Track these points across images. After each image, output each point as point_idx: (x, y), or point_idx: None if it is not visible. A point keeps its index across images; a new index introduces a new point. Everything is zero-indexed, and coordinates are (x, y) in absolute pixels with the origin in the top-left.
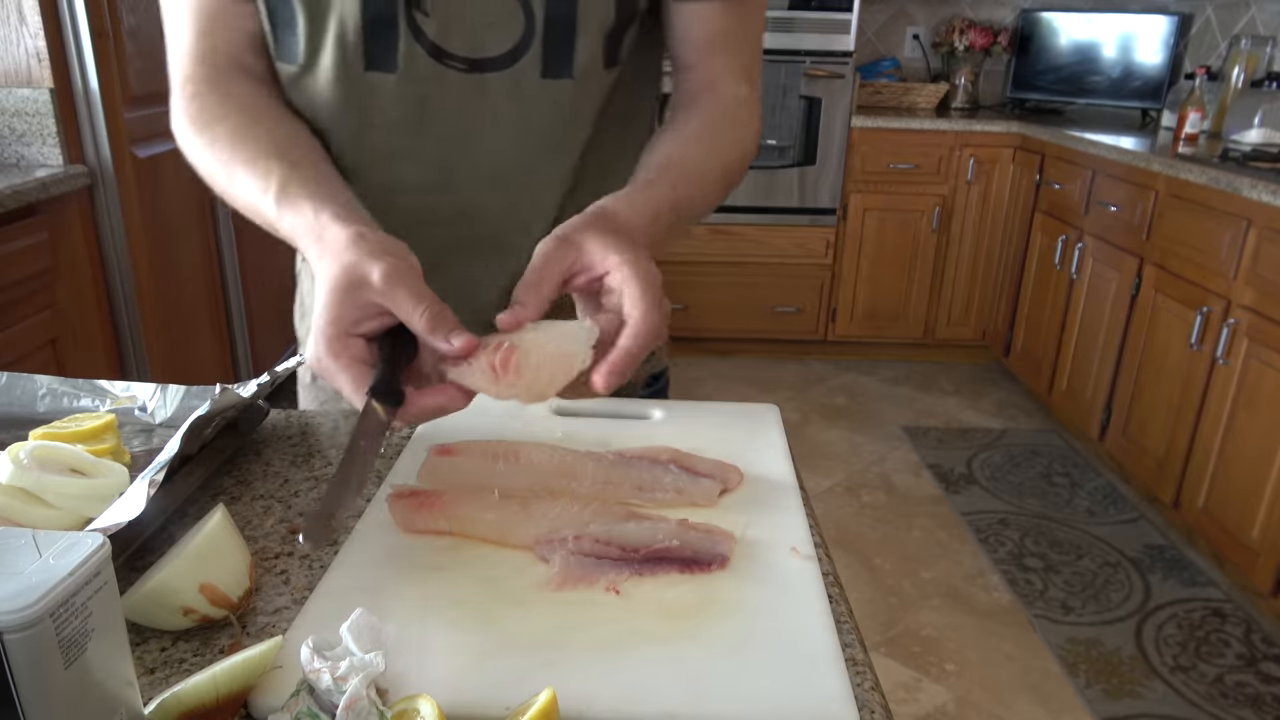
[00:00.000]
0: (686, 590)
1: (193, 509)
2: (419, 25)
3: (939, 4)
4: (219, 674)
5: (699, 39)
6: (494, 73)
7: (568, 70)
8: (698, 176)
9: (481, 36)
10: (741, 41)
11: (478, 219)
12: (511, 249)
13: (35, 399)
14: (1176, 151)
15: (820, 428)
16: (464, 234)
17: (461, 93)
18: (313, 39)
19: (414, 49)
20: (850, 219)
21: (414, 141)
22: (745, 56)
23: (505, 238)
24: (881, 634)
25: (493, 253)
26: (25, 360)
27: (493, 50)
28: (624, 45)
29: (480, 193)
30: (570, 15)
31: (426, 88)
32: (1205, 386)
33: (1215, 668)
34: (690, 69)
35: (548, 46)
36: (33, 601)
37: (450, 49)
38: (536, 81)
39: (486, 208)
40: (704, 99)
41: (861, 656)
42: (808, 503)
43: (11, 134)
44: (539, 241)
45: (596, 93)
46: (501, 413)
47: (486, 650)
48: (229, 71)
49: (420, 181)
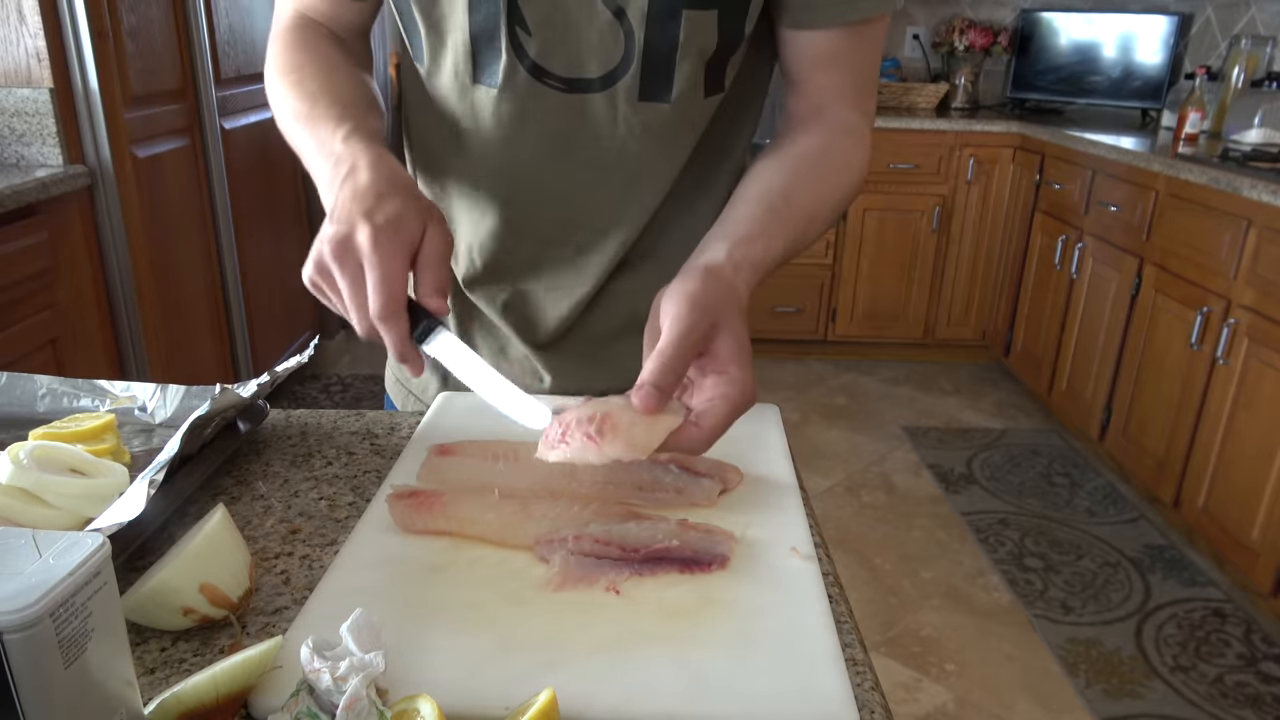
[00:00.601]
0: (686, 590)
1: (193, 509)
2: (520, 43)
3: (939, 4)
4: (219, 674)
5: (811, 59)
6: (591, 94)
7: (666, 95)
8: (803, 217)
9: (581, 58)
10: (855, 67)
11: (560, 240)
12: (585, 275)
13: (35, 399)
14: (1176, 151)
15: (820, 428)
16: (546, 244)
17: (557, 111)
18: (434, 48)
19: (515, 66)
20: (850, 219)
21: (508, 156)
22: (858, 83)
23: (583, 261)
24: (881, 634)
25: (566, 275)
26: (25, 360)
27: (592, 72)
28: (727, 73)
29: (566, 214)
30: (672, 40)
31: (525, 104)
32: (1205, 386)
33: (1215, 668)
34: (800, 90)
35: (646, 70)
36: (33, 601)
37: (549, 68)
38: (633, 104)
39: (571, 229)
40: (813, 124)
41: (861, 656)
42: (808, 503)
43: (11, 134)
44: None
45: (695, 118)
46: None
47: (487, 650)
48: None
49: (509, 198)
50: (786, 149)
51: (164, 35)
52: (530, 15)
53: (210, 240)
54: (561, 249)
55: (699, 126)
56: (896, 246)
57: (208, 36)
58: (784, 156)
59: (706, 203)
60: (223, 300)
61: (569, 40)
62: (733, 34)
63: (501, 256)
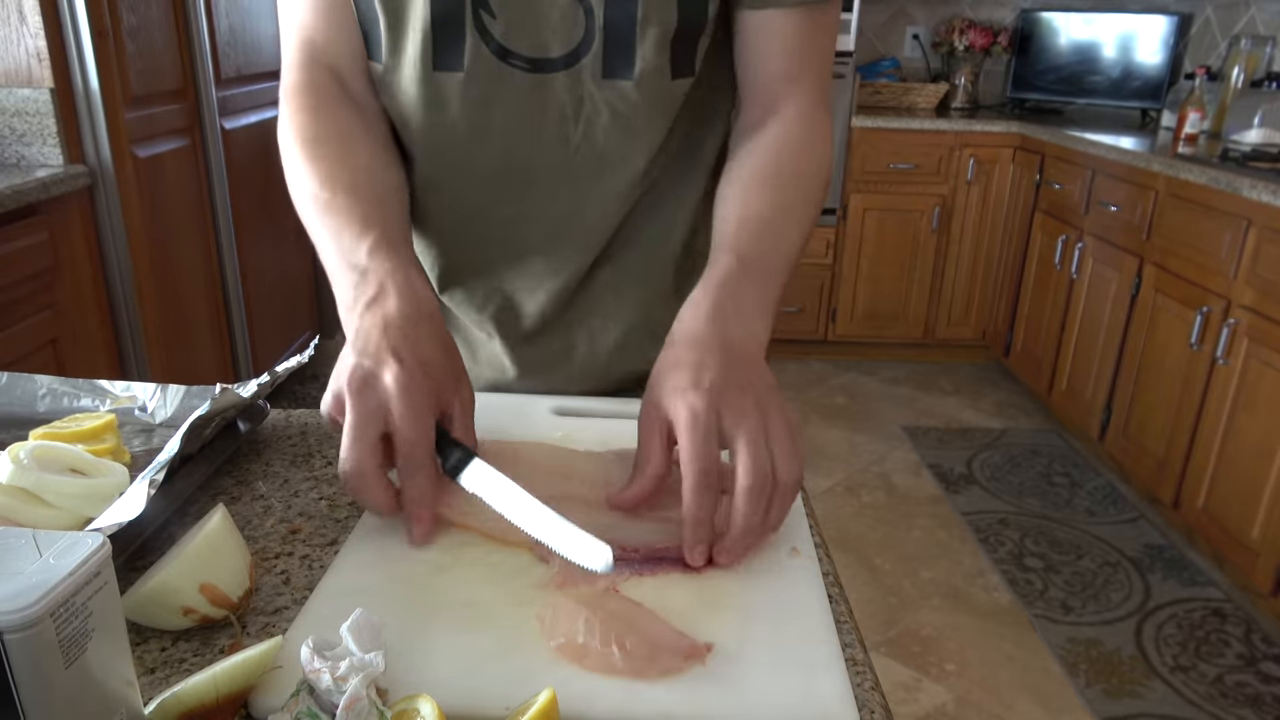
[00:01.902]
0: (686, 590)
1: (193, 509)
2: (485, 25)
3: (939, 4)
4: (219, 674)
5: (769, 51)
6: (555, 73)
7: (628, 72)
8: (778, 232)
9: (544, 37)
10: (812, 56)
11: (536, 221)
12: (565, 257)
13: (35, 399)
14: (1176, 151)
15: (820, 428)
16: (520, 236)
17: (523, 93)
18: (393, 39)
19: (480, 49)
20: (850, 219)
21: (478, 140)
22: (816, 69)
23: (560, 244)
24: (881, 634)
25: (547, 258)
26: (25, 360)
27: (555, 51)
28: (696, 56)
29: (539, 196)
30: (631, 17)
31: (490, 87)
32: (1205, 386)
33: (1215, 668)
34: (756, 87)
35: (608, 48)
36: (33, 601)
37: (515, 49)
38: (596, 81)
39: (545, 212)
40: (772, 127)
41: (861, 656)
42: (808, 503)
43: (11, 134)
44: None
45: (663, 101)
46: (501, 413)
47: (487, 650)
48: (332, 89)
49: (482, 181)
50: (751, 170)
51: (164, 35)
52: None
53: (210, 240)
54: (536, 238)
55: (669, 110)
56: (896, 246)
57: (208, 36)
58: (748, 177)
59: (687, 191)
60: (223, 300)
61: (531, 19)
62: (695, 13)
63: (475, 249)
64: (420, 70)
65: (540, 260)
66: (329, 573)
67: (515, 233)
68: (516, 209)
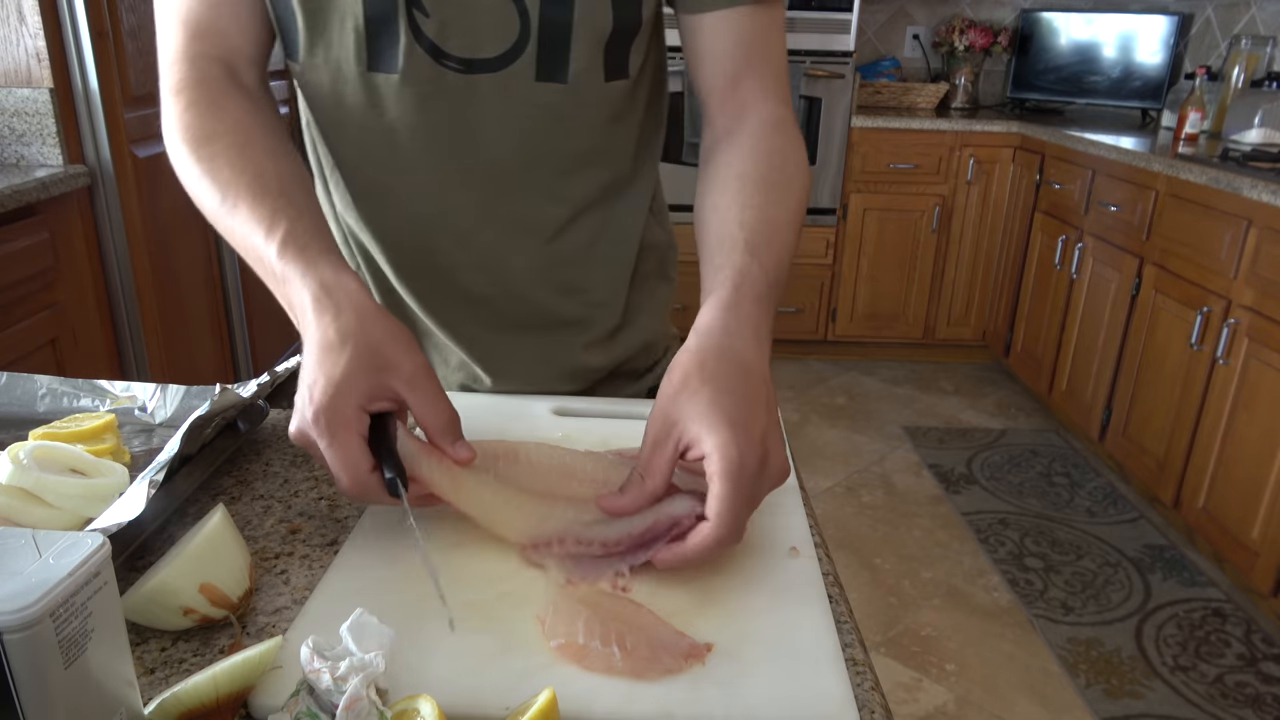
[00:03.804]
0: (686, 590)
1: (193, 509)
2: (419, 25)
3: (939, 4)
4: (219, 674)
5: (724, 55)
6: (488, 74)
7: (562, 75)
8: (782, 241)
9: (478, 37)
10: (768, 54)
11: (472, 226)
12: (504, 260)
13: (35, 399)
14: (1176, 151)
15: (820, 428)
16: (458, 239)
17: (457, 94)
18: (311, 36)
19: (414, 49)
20: (850, 219)
21: (412, 142)
22: (774, 70)
23: (500, 247)
24: (881, 634)
25: (487, 260)
26: (25, 360)
27: (488, 51)
28: (630, 58)
29: (474, 200)
30: (566, 19)
31: (426, 88)
32: (1205, 386)
33: (1215, 668)
34: (718, 96)
35: (543, 50)
36: (33, 601)
37: (448, 49)
38: (529, 84)
39: (481, 215)
40: (743, 135)
41: (861, 656)
42: (807, 503)
43: (11, 134)
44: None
45: (597, 103)
46: (501, 413)
47: (486, 650)
48: (222, 82)
49: (417, 184)
50: (733, 182)
51: None
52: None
53: (210, 240)
54: (480, 239)
55: (601, 111)
56: (896, 246)
57: None
58: (732, 187)
59: (630, 195)
60: (223, 300)
61: (465, 20)
62: (629, 16)
63: (424, 254)
64: (355, 71)
65: (480, 265)
66: (329, 573)
67: (450, 237)
68: (450, 213)
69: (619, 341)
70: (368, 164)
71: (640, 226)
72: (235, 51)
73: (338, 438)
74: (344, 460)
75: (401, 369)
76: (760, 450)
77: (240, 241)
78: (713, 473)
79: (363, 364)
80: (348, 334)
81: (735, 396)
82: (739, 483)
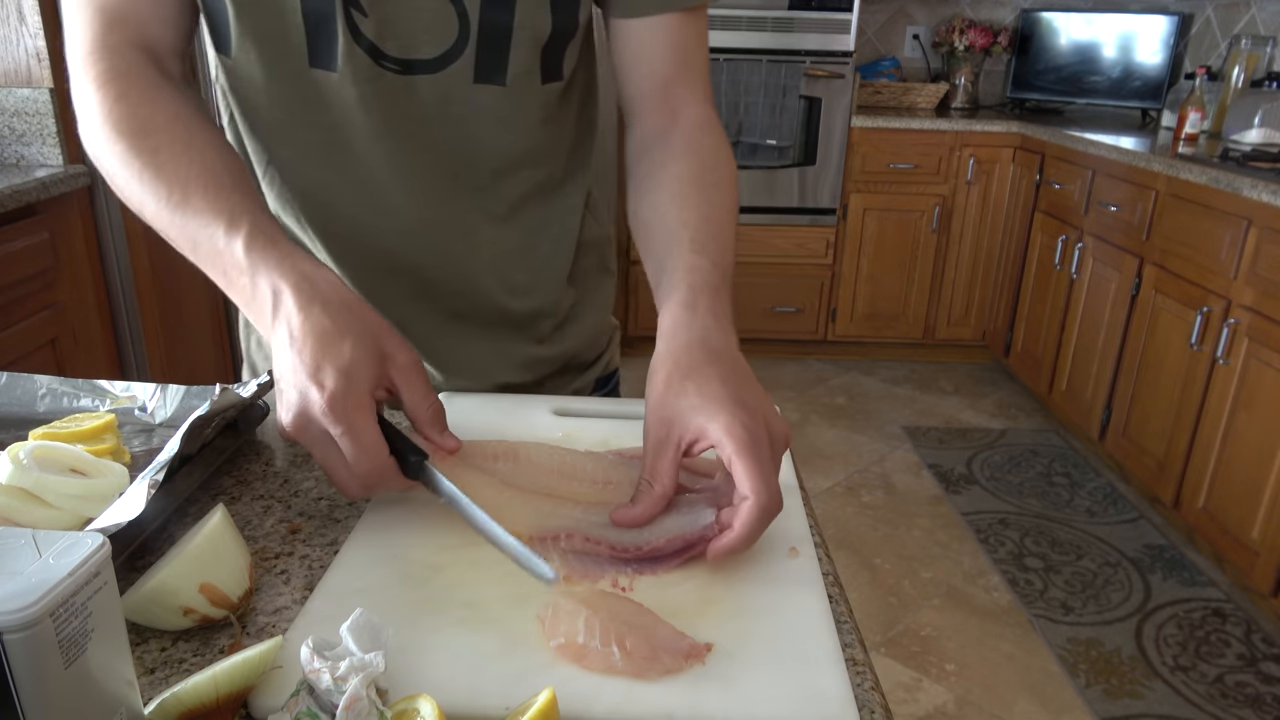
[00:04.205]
0: (687, 590)
1: (193, 509)
2: (357, 25)
3: (939, 4)
4: (219, 674)
5: (657, 58)
6: (426, 75)
7: (500, 78)
8: (725, 236)
9: (416, 39)
10: (697, 58)
11: (415, 225)
12: (448, 257)
13: (35, 399)
14: (1176, 151)
15: (820, 428)
16: (401, 237)
17: (396, 94)
18: (242, 31)
19: (353, 49)
20: (850, 219)
21: (353, 141)
22: (701, 73)
23: (443, 245)
24: (881, 634)
25: (430, 259)
26: (25, 360)
27: (426, 53)
28: (565, 61)
29: (416, 199)
30: (506, 22)
31: (365, 88)
32: (1205, 386)
33: (1215, 668)
34: (649, 98)
35: (481, 52)
36: (33, 601)
37: (386, 50)
38: (468, 86)
39: (423, 214)
40: (676, 136)
41: (861, 656)
42: (807, 503)
43: (11, 134)
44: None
45: (531, 104)
46: (501, 413)
47: (487, 650)
48: (150, 72)
49: (357, 181)
50: (671, 184)
51: None
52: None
53: None
54: (423, 238)
55: (537, 113)
56: (896, 246)
57: None
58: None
59: (566, 190)
60: (223, 300)
61: (403, 20)
62: (567, 20)
63: (363, 250)
64: (295, 68)
65: (415, 268)
66: (329, 573)
67: (385, 240)
68: (386, 214)
69: (567, 334)
70: (307, 162)
71: (577, 224)
72: (157, 40)
73: (356, 423)
74: (364, 445)
75: (398, 359)
76: (761, 418)
77: (190, 235)
78: (729, 455)
79: (366, 352)
80: (344, 323)
81: (719, 381)
82: (758, 454)
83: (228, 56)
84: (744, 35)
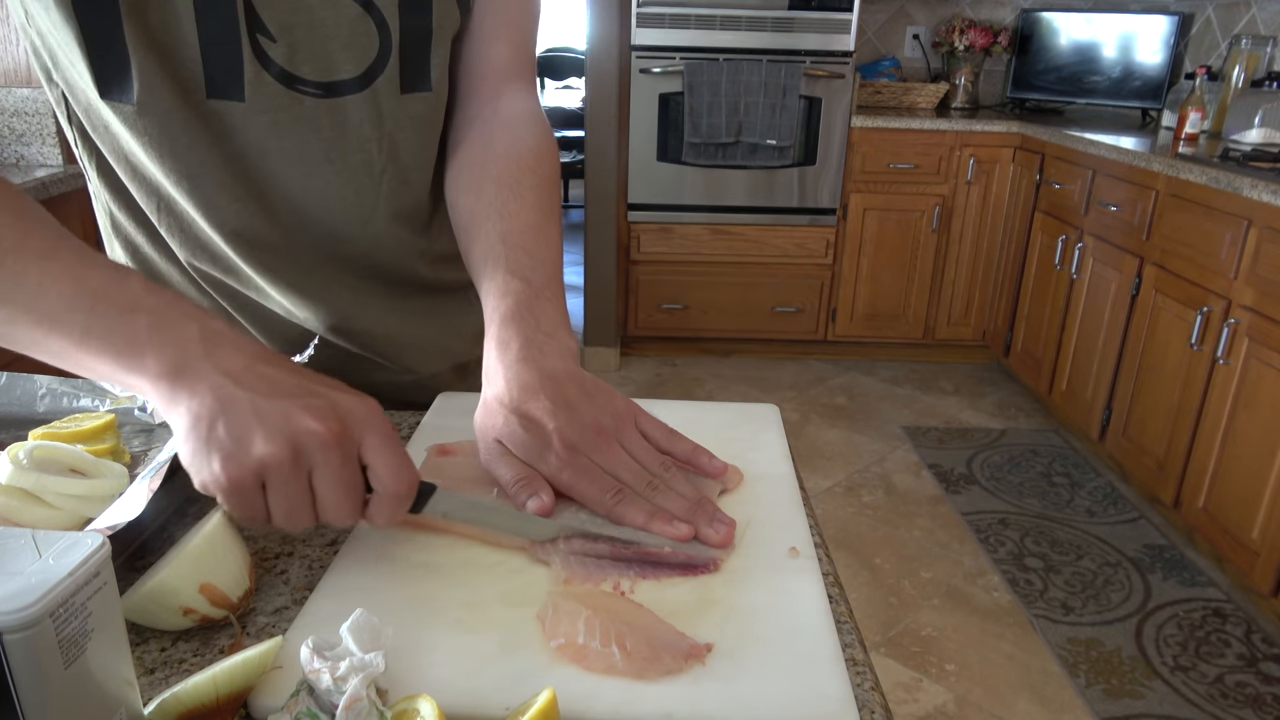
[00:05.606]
0: (686, 590)
1: (193, 509)
2: (265, 51)
3: (939, 4)
4: (219, 674)
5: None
6: (350, 95)
7: (426, 83)
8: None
9: (333, 59)
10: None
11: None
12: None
13: (35, 399)
14: (1176, 151)
15: (820, 428)
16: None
17: (316, 119)
18: (146, 74)
19: (262, 76)
20: (850, 219)
21: (265, 173)
22: (530, 62)
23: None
24: (881, 634)
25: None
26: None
27: (347, 72)
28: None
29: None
30: (427, 25)
31: (278, 116)
32: (1205, 386)
33: (1215, 668)
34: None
35: (405, 60)
36: (33, 601)
37: (302, 75)
38: (396, 98)
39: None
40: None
41: (861, 656)
42: (808, 503)
43: (11, 134)
44: None
45: (445, 106)
46: None
47: (487, 650)
48: None
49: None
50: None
51: None
52: (270, 19)
53: None
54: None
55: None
56: (896, 246)
57: None
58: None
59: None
60: None
61: (317, 42)
62: (465, 9)
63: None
64: (188, 100)
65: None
66: (329, 573)
67: (314, 268)
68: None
69: None
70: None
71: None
72: None
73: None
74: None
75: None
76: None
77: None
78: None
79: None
80: (299, 372)
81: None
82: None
83: (128, 104)
84: (744, 35)
